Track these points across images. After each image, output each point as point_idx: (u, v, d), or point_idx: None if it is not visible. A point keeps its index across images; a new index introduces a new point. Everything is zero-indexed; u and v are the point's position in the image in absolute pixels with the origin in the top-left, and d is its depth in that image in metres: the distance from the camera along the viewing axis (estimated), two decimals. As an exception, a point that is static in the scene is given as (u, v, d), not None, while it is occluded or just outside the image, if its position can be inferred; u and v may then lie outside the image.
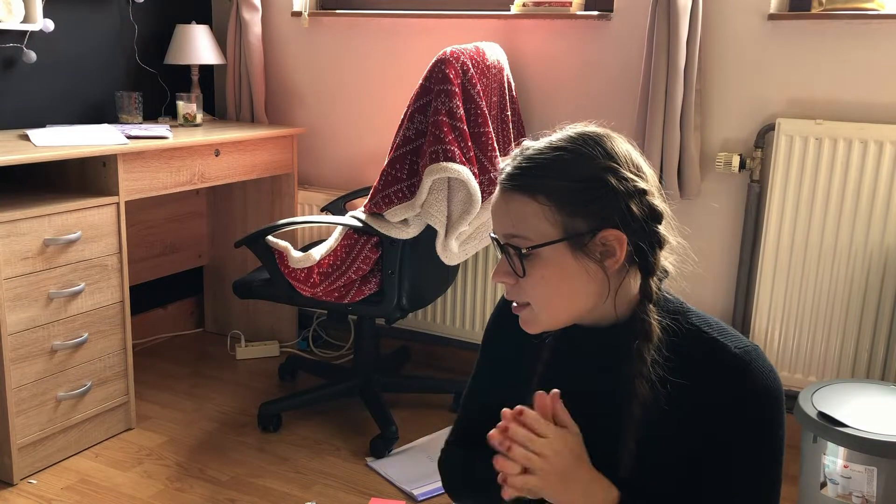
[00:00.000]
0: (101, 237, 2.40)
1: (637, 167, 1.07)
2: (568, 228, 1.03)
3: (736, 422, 1.05)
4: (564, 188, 1.03)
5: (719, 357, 1.06)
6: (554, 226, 1.04)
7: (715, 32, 2.52)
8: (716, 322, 1.11)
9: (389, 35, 3.05)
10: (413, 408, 2.79)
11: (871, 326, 2.38)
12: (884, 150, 2.29)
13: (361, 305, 2.44)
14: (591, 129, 1.09)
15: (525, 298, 1.08)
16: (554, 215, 1.03)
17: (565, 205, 1.03)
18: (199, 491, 2.27)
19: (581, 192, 1.03)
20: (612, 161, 1.05)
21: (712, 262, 2.65)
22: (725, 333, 1.09)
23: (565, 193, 1.03)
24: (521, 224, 1.05)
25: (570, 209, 1.03)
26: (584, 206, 1.03)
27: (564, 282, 1.06)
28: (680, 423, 1.07)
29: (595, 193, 1.03)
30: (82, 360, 2.40)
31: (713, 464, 1.06)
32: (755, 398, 1.05)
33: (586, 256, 1.05)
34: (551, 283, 1.06)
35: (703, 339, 1.08)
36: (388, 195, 2.29)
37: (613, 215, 1.04)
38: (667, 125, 2.48)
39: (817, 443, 1.95)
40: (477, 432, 1.32)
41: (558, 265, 1.05)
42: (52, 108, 2.84)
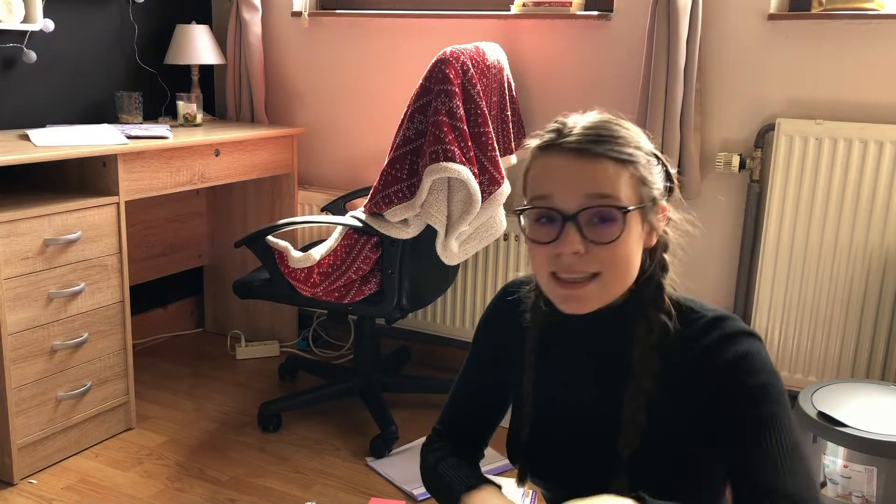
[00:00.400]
0: (101, 237, 2.40)
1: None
2: (644, 196, 1.09)
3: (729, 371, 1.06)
4: (641, 158, 1.09)
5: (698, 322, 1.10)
6: (636, 192, 1.08)
7: (715, 32, 2.52)
8: (710, 306, 1.14)
9: (389, 35, 3.05)
10: (413, 408, 2.79)
11: (871, 326, 2.38)
12: (884, 150, 2.29)
13: (361, 305, 2.44)
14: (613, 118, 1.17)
15: (598, 267, 1.06)
16: (637, 184, 1.08)
17: (643, 174, 1.09)
18: (199, 491, 2.27)
19: (647, 164, 1.10)
20: (641, 136, 1.13)
21: (712, 262, 2.65)
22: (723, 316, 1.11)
23: (642, 164, 1.09)
24: (614, 187, 1.06)
25: (645, 178, 1.09)
26: (650, 176, 1.09)
27: (637, 248, 1.09)
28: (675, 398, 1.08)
29: (654, 167, 1.11)
30: (82, 360, 2.40)
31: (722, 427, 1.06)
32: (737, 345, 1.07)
33: (648, 225, 1.11)
34: (630, 247, 1.08)
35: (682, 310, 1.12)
36: (388, 195, 2.29)
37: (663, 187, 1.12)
38: (667, 125, 2.49)
39: (817, 443, 1.95)
40: (462, 424, 1.33)
41: (636, 231, 1.08)
42: (52, 108, 2.84)
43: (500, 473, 2.36)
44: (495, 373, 1.28)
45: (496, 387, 1.29)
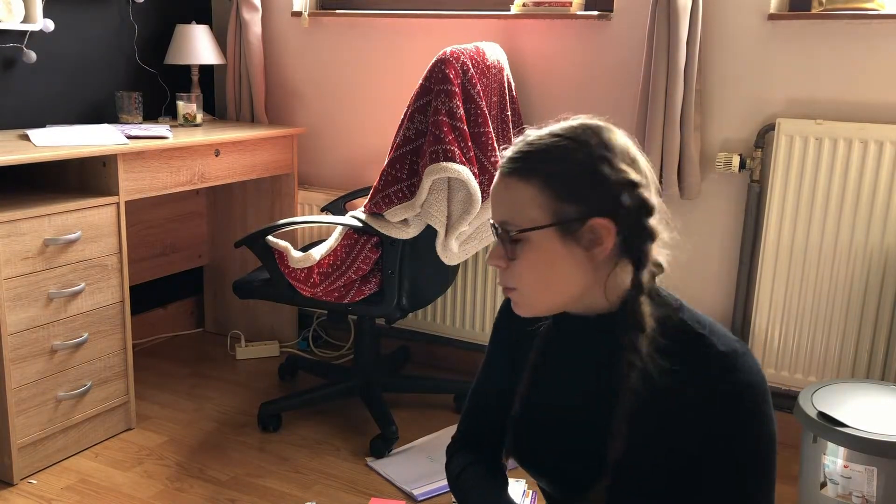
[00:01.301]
0: (101, 237, 2.40)
1: (633, 160, 1.08)
2: (558, 214, 1.05)
3: (720, 418, 1.05)
4: (557, 174, 1.05)
5: (705, 354, 1.06)
6: (545, 211, 1.05)
7: (715, 32, 2.52)
8: (708, 321, 1.11)
9: (389, 35, 3.05)
10: (413, 408, 2.79)
11: (871, 326, 2.38)
12: (884, 150, 2.29)
13: (361, 305, 2.44)
14: (592, 121, 1.10)
15: (513, 283, 1.10)
16: (546, 200, 1.05)
17: (557, 191, 1.05)
18: (199, 491, 2.27)
19: (574, 179, 1.05)
20: (607, 151, 1.06)
21: (712, 262, 2.65)
22: (714, 332, 1.09)
23: (558, 179, 1.05)
24: (515, 208, 1.07)
25: (562, 195, 1.05)
26: (575, 192, 1.05)
27: (551, 268, 1.07)
28: (665, 417, 1.08)
29: (587, 181, 1.05)
30: (82, 360, 2.40)
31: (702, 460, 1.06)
32: (738, 395, 1.05)
33: (575, 243, 1.06)
34: (538, 268, 1.07)
35: (691, 335, 1.08)
36: (388, 195, 2.29)
37: (604, 204, 1.05)
38: (667, 125, 2.48)
39: (817, 443, 1.95)
40: (480, 429, 1.33)
41: (547, 251, 1.06)
42: (52, 108, 2.84)
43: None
44: (509, 374, 1.28)
45: (510, 385, 1.29)
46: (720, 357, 1.05)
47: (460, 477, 1.29)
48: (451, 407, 2.79)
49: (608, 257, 1.07)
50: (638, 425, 1.08)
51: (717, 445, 1.05)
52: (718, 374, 1.05)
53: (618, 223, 1.05)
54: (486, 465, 1.31)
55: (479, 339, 2.98)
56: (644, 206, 1.06)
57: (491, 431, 1.32)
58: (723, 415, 1.04)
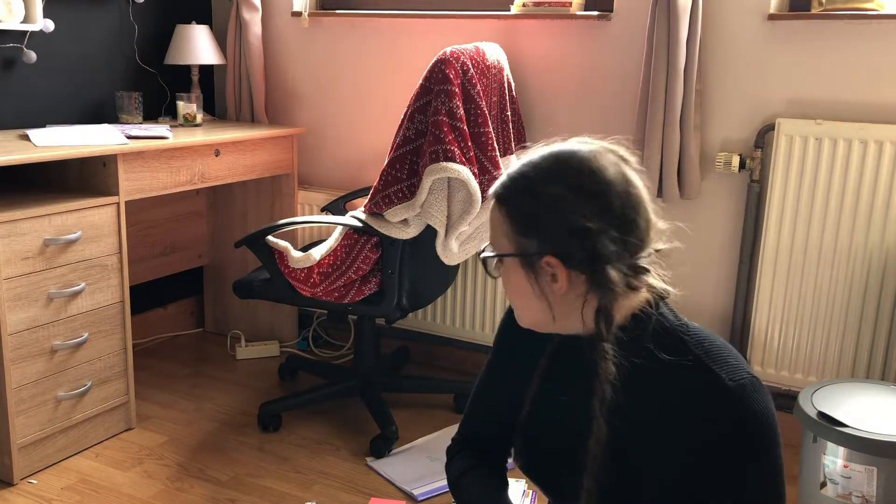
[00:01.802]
0: (101, 237, 2.40)
1: (603, 201, 1.04)
2: (520, 246, 1.08)
3: (728, 455, 1.03)
4: (519, 207, 1.08)
5: (711, 388, 1.04)
6: (510, 241, 1.09)
7: (715, 32, 2.52)
8: (717, 347, 1.08)
9: (389, 35, 3.05)
10: (413, 408, 2.79)
11: (871, 326, 2.38)
12: (884, 150, 2.29)
13: (361, 305, 2.44)
14: (574, 149, 1.08)
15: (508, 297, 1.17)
16: (510, 231, 1.09)
17: (519, 223, 1.08)
18: (199, 491, 2.27)
19: (531, 215, 1.07)
20: (569, 191, 1.05)
21: (712, 262, 2.65)
22: (723, 362, 1.06)
23: (519, 213, 1.08)
24: (493, 232, 1.12)
25: (522, 228, 1.08)
26: (532, 228, 1.07)
27: (519, 293, 1.12)
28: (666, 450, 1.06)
29: (541, 219, 1.06)
30: (82, 360, 2.40)
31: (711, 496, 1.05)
32: (743, 433, 1.03)
33: (536, 276, 1.08)
34: (511, 291, 1.13)
35: (698, 367, 1.06)
36: (388, 195, 2.29)
37: (556, 244, 1.05)
38: (667, 125, 2.48)
39: (817, 443, 1.95)
40: (482, 431, 1.33)
41: (515, 277, 1.11)
42: (52, 108, 2.84)
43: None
44: (514, 377, 1.28)
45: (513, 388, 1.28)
46: (726, 392, 1.03)
47: (461, 479, 1.29)
48: (451, 407, 2.79)
49: (576, 291, 1.07)
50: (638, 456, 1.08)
51: (723, 484, 1.04)
52: (724, 411, 1.03)
53: (567, 265, 1.05)
54: (487, 467, 1.31)
55: (479, 339, 2.98)
56: (597, 256, 1.04)
57: (493, 434, 1.32)
58: (728, 453, 1.03)
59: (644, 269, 1.08)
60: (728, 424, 1.03)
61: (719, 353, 1.07)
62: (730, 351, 1.08)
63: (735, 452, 1.03)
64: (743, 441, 1.03)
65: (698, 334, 1.10)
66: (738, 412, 1.02)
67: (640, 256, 1.07)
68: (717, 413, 1.03)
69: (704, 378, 1.05)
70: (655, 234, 1.10)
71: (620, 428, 1.07)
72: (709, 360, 1.06)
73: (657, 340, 1.08)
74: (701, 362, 1.06)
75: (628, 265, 1.06)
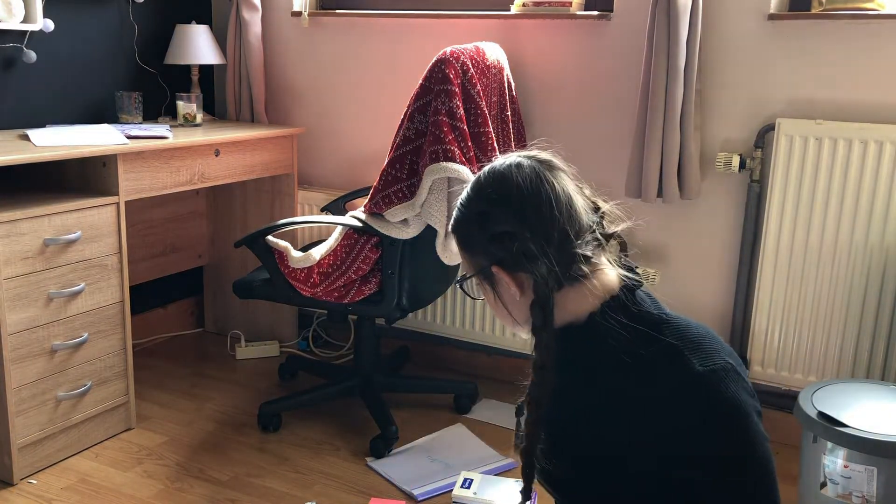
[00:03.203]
0: (101, 237, 2.40)
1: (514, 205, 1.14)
2: (473, 265, 1.20)
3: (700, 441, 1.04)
4: (460, 231, 1.20)
5: (681, 373, 1.05)
6: (468, 264, 1.21)
7: (715, 32, 2.52)
8: (695, 335, 1.09)
9: (389, 35, 3.05)
10: (413, 408, 2.79)
11: (871, 326, 2.38)
12: (884, 150, 2.29)
13: (361, 305, 2.44)
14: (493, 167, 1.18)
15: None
16: (464, 255, 1.21)
17: (464, 246, 1.20)
18: (199, 491, 2.27)
19: (468, 235, 1.19)
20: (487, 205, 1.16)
21: (712, 262, 2.65)
22: (698, 349, 1.07)
23: (460, 236, 1.21)
24: (461, 263, 1.25)
25: (467, 249, 1.20)
26: (473, 246, 1.19)
27: (497, 305, 1.22)
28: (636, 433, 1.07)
29: (474, 236, 1.18)
30: (82, 360, 2.40)
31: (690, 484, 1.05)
32: (714, 418, 1.03)
33: (495, 287, 1.19)
34: (491, 304, 1.23)
35: (669, 353, 1.07)
36: (388, 195, 2.29)
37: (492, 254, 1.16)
38: (667, 125, 2.48)
39: (817, 443, 1.95)
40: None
41: (486, 292, 1.22)
42: (52, 108, 2.84)
43: (501, 473, 2.36)
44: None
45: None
46: (696, 378, 1.04)
47: None
48: (451, 407, 2.79)
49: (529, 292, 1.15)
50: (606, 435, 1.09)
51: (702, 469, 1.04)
52: (690, 396, 1.04)
53: (508, 270, 1.15)
54: None
55: (479, 339, 2.98)
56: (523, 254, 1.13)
57: None
58: (701, 438, 1.03)
59: (582, 256, 1.13)
60: (696, 411, 1.04)
61: (695, 340, 1.09)
62: (709, 339, 1.10)
63: (706, 437, 1.03)
64: (712, 426, 1.03)
65: (678, 323, 1.12)
66: (706, 397, 1.04)
67: (575, 246, 1.12)
68: (685, 398, 1.04)
69: (675, 364, 1.06)
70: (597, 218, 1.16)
71: (572, 414, 1.13)
72: (682, 346, 1.08)
73: (628, 328, 1.10)
74: (673, 348, 1.07)
75: (562, 257, 1.12)
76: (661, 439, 1.05)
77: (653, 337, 1.09)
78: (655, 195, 2.54)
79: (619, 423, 1.08)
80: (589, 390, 1.13)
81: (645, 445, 1.06)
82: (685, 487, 1.04)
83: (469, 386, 2.80)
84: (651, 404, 1.06)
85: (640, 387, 1.07)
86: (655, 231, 2.68)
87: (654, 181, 2.52)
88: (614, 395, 1.09)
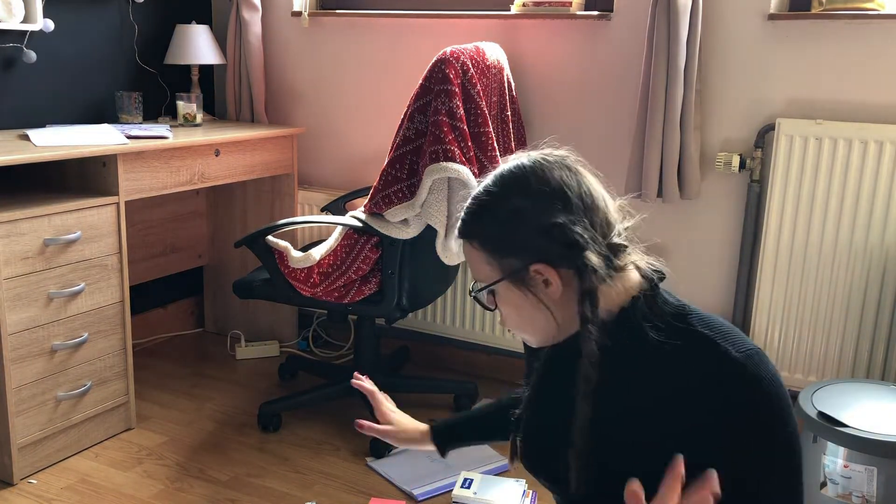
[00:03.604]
0: (101, 237, 2.40)
1: (560, 198, 1.10)
2: (504, 268, 1.11)
3: (738, 426, 1.03)
4: (488, 232, 1.12)
5: (717, 360, 1.05)
6: (493, 267, 1.12)
7: (715, 32, 2.52)
8: (719, 323, 1.10)
9: (389, 35, 3.05)
10: (413, 408, 2.78)
11: (871, 326, 2.38)
12: (884, 150, 2.29)
13: (361, 305, 2.44)
14: (518, 164, 1.13)
15: (507, 325, 1.19)
16: (489, 258, 1.12)
17: (494, 247, 1.12)
18: (199, 491, 2.27)
19: (502, 235, 1.11)
20: (525, 199, 1.10)
21: (712, 262, 2.65)
22: (727, 336, 1.08)
23: (490, 237, 1.12)
24: (474, 267, 1.15)
25: (499, 251, 1.11)
26: (508, 246, 1.11)
27: (522, 313, 1.14)
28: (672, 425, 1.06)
29: (513, 234, 1.10)
30: (82, 360, 2.40)
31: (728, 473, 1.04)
32: (757, 402, 1.03)
33: (530, 289, 1.11)
34: (512, 315, 1.15)
35: (704, 341, 1.07)
36: (388, 195, 2.29)
37: (536, 251, 1.09)
38: (667, 125, 2.48)
39: (817, 443, 1.95)
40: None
41: (511, 300, 1.14)
42: (52, 108, 2.84)
43: (500, 473, 2.36)
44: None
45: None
46: (735, 364, 1.04)
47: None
48: (450, 407, 2.79)
49: (570, 288, 1.10)
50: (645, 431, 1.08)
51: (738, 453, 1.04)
52: (732, 382, 1.04)
53: (554, 265, 1.09)
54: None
55: (479, 339, 2.98)
56: (574, 245, 1.08)
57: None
58: (740, 423, 1.03)
59: (622, 245, 1.12)
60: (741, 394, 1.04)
61: (722, 328, 1.09)
62: (731, 327, 1.11)
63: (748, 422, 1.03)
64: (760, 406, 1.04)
65: (700, 314, 1.12)
66: (751, 379, 1.04)
67: (612, 235, 1.11)
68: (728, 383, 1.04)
69: (711, 352, 1.06)
70: (619, 213, 1.15)
71: (609, 411, 1.09)
72: (714, 335, 1.08)
73: (658, 322, 1.09)
74: (706, 338, 1.07)
75: (605, 246, 1.10)
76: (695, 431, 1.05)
77: (683, 328, 1.09)
78: (655, 195, 2.54)
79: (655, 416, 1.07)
80: (623, 386, 1.10)
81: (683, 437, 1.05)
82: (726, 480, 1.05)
83: (469, 386, 2.80)
84: (689, 395, 1.05)
85: (677, 378, 1.06)
86: (655, 231, 2.68)
87: (654, 181, 2.52)
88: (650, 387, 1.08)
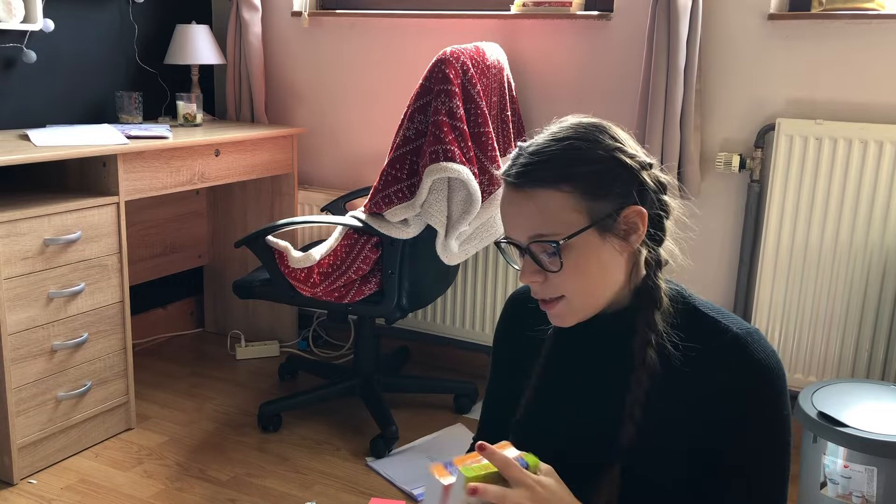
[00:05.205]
0: (101, 237, 2.40)
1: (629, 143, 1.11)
2: (594, 213, 1.04)
3: (740, 400, 1.05)
4: (583, 174, 1.04)
5: (721, 335, 1.07)
6: (581, 213, 1.04)
7: (715, 32, 2.52)
8: (719, 307, 1.13)
9: (389, 35, 3.05)
10: (413, 408, 2.79)
11: (871, 326, 2.38)
12: (884, 150, 2.29)
13: (361, 305, 2.44)
14: (587, 119, 1.11)
15: (559, 292, 1.08)
16: (579, 202, 1.04)
17: (588, 190, 1.04)
18: (199, 491, 2.27)
19: (599, 175, 1.05)
20: (617, 141, 1.08)
21: (712, 262, 2.65)
22: (727, 316, 1.10)
23: (585, 179, 1.04)
24: (548, 219, 1.04)
25: (592, 194, 1.04)
26: (604, 188, 1.04)
27: (599, 266, 1.07)
28: (681, 400, 1.08)
29: (612, 174, 1.05)
30: (82, 360, 2.40)
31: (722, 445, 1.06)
32: (757, 375, 1.06)
33: (614, 237, 1.06)
34: (587, 270, 1.06)
35: (706, 319, 1.10)
36: (388, 195, 2.29)
37: (632, 191, 1.06)
38: (667, 125, 2.48)
39: (817, 443, 1.95)
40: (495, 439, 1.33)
41: (591, 251, 1.05)
42: (52, 108, 2.84)
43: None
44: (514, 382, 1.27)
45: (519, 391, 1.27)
46: (737, 338, 1.06)
47: None
48: (450, 407, 2.79)
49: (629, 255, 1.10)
50: (654, 410, 1.08)
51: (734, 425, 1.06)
52: (737, 355, 1.06)
53: (646, 205, 1.07)
54: None
55: (479, 339, 2.98)
56: (661, 184, 1.10)
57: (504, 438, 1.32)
58: (741, 394, 1.05)
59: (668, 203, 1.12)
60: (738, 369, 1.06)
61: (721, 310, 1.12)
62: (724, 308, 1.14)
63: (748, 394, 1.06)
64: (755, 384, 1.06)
65: (696, 295, 1.14)
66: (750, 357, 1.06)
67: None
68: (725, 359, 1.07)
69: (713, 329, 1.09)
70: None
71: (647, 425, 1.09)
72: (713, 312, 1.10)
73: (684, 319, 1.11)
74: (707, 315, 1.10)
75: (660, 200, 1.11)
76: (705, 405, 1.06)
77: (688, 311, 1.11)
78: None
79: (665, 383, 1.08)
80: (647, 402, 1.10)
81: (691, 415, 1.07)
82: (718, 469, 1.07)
83: (469, 386, 2.80)
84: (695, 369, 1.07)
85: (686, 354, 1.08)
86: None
87: (654, 181, 2.52)
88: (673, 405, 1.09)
